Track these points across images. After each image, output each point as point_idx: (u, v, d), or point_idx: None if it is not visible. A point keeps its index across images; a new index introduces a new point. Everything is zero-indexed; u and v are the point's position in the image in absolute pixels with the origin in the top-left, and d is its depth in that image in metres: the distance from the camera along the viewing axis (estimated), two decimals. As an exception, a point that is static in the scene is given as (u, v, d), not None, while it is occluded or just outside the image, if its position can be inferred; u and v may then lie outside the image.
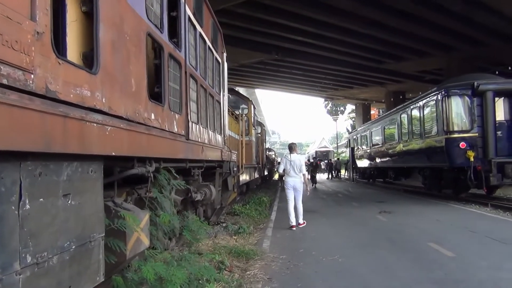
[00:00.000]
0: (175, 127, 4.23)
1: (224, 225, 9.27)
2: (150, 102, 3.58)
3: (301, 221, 9.75)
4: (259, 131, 23.78)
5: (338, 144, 62.80)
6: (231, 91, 15.46)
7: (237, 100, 15.45)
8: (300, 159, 9.91)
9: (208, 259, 5.84)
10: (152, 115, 3.56)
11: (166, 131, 3.95)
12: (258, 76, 33.89)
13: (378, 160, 25.45)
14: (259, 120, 24.54)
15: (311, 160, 32.05)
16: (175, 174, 4.27)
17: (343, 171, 42.99)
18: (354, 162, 33.77)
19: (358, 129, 34.43)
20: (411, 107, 18.36)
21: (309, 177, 25.91)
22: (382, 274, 5.62)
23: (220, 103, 7.32)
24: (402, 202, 15.57)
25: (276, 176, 34.79)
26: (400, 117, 19.94)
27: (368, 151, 28.24)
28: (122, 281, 3.41)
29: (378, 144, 25.07)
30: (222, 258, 5.78)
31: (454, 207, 13.42)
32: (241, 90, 61.69)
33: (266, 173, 26.59)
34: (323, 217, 11.89)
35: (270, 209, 13.78)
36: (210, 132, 6.29)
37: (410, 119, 18.37)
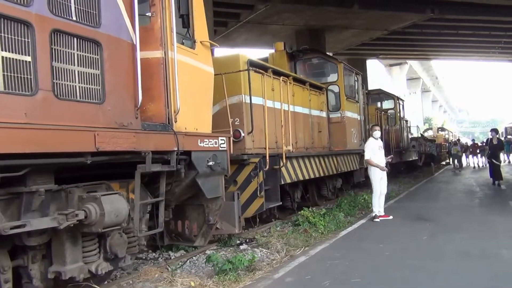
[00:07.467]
0: None
1: (209, 253, 5.91)
2: None
3: (382, 212, 8.78)
4: (392, 106, 18.67)
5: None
6: (314, 51, 11.46)
7: (325, 64, 11.34)
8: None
9: None
10: None
11: None
12: (416, 44, 27.68)
13: None
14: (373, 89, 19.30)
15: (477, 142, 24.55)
16: None
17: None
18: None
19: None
20: None
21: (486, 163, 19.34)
22: None
23: (122, 50, 4.00)
24: None
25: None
26: None
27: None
28: None
29: None
30: None
31: None
32: (415, 65, 49.96)
33: (413, 157, 21.36)
34: (432, 233, 7.22)
35: (360, 215, 9.55)
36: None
37: None
